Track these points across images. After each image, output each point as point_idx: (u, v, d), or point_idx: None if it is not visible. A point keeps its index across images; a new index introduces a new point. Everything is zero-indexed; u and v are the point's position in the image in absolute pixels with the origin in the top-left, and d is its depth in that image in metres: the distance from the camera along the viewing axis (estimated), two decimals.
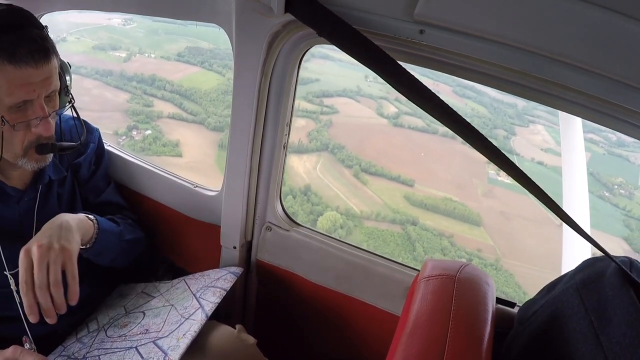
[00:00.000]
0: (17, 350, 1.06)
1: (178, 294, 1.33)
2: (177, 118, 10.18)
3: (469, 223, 9.05)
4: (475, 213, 9.12)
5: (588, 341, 0.81)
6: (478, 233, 8.94)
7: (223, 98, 10.61)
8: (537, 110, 11.10)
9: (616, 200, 8.94)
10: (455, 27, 0.96)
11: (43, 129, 1.14)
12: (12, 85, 1.06)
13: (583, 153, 2.32)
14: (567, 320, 0.88)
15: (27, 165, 1.19)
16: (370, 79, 11.59)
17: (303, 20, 1.08)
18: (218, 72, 11.23)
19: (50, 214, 1.30)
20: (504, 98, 11.19)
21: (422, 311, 0.84)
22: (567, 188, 2.33)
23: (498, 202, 9.52)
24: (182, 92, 10.72)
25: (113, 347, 1.19)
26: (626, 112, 0.91)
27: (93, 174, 1.47)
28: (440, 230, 9.00)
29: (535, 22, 0.87)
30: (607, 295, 0.84)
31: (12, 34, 1.05)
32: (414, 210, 9.25)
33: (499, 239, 8.89)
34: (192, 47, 11.74)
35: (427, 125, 10.62)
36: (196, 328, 1.15)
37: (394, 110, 10.90)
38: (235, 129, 1.36)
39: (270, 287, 1.59)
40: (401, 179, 9.60)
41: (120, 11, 1.52)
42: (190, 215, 1.57)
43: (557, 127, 10.61)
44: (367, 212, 9.11)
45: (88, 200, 1.46)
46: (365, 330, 1.46)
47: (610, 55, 0.83)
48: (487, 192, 9.68)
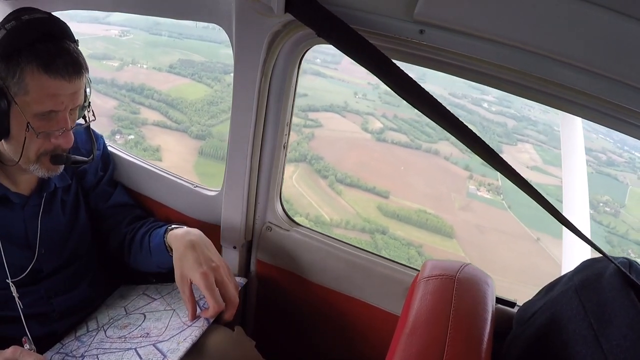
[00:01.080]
0: (17, 351, 1.07)
1: (180, 298, 1.32)
2: (162, 125, 10.41)
3: (442, 235, 9.19)
4: (448, 225, 9.25)
5: (588, 343, 0.81)
6: (450, 244, 9.06)
7: (208, 108, 10.86)
8: (528, 130, 11.27)
9: (600, 217, 9.03)
10: (455, 27, 0.96)
11: (64, 141, 1.16)
12: (42, 94, 1.08)
13: (583, 155, 2.32)
14: (566, 322, 0.87)
15: (38, 172, 1.20)
16: (359, 95, 11.79)
17: (302, 20, 1.08)
18: (207, 84, 11.51)
19: (54, 221, 1.33)
20: (494, 118, 11.37)
21: (422, 311, 0.84)
22: (567, 190, 2.32)
23: (475, 216, 9.65)
24: (169, 101, 10.96)
25: (112, 348, 1.19)
26: (626, 112, 0.91)
27: (100, 180, 1.49)
28: (410, 240, 9.15)
29: (535, 22, 0.87)
30: (606, 296, 0.83)
31: (50, 44, 1.08)
32: (385, 221, 9.40)
33: (471, 251, 9.02)
34: (184, 59, 12.01)
35: (411, 141, 10.82)
36: (197, 333, 1.15)
37: (380, 125, 11.11)
38: (235, 129, 1.36)
39: (270, 287, 1.58)
40: (376, 190, 9.75)
41: (121, 11, 1.51)
42: (190, 215, 1.57)
43: (546, 146, 10.66)
44: (337, 220, 9.24)
45: (98, 206, 1.47)
46: (365, 331, 1.46)
47: (610, 55, 0.83)
48: (464, 206, 9.81)
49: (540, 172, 9.96)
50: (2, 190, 1.23)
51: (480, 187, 9.82)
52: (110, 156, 1.56)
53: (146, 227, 1.41)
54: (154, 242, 1.32)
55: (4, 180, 1.24)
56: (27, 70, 1.06)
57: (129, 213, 1.50)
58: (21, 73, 1.06)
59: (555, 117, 10.86)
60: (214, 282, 1.17)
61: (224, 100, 10.88)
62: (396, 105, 11.26)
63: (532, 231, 8.95)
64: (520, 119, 11.53)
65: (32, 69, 1.06)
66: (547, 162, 10.25)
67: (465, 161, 10.08)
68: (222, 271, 1.20)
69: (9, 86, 1.07)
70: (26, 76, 1.06)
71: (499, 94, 11.02)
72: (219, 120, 10.59)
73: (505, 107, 11.58)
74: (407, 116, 11.06)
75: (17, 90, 1.07)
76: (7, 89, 1.08)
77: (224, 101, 10.86)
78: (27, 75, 1.06)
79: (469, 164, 9.99)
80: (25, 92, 1.07)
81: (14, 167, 1.21)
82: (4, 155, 1.21)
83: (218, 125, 10.45)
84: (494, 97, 11.35)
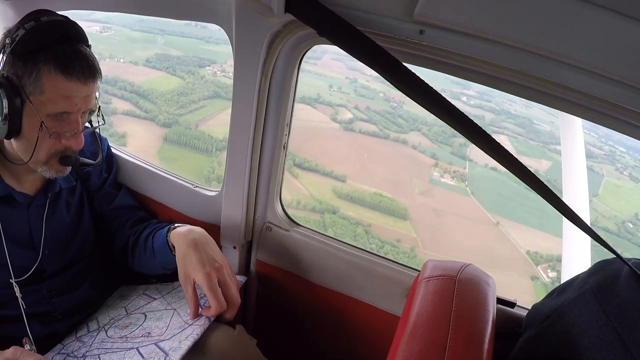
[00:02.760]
0: (17, 351, 1.07)
1: (180, 298, 1.32)
2: (131, 114, 10.58)
3: (395, 216, 9.32)
4: (402, 207, 9.38)
5: (615, 348, 0.80)
6: (402, 225, 9.19)
7: (177, 99, 11.10)
8: (506, 123, 11.42)
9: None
10: (455, 27, 0.95)
11: (74, 143, 1.17)
12: (57, 95, 1.10)
13: (583, 155, 2.32)
14: (587, 327, 0.86)
15: (46, 172, 1.21)
16: (334, 88, 11.93)
17: (303, 20, 1.08)
18: (180, 76, 11.73)
19: (58, 222, 1.33)
20: (471, 111, 11.50)
21: (423, 312, 0.84)
22: (567, 189, 2.32)
23: (434, 200, 9.76)
24: (140, 92, 11.14)
25: (114, 348, 1.19)
26: (626, 112, 0.91)
27: (104, 182, 1.49)
28: (359, 220, 9.29)
29: (535, 22, 0.87)
30: (626, 298, 0.82)
31: (68, 46, 1.10)
32: (338, 202, 9.55)
33: (423, 232, 9.15)
34: (160, 53, 12.21)
35: (380, 131, 10.94)
36: (199, 332, 1.15)
37: (350, 116, 11.26)
38: (235, 129, 1.36)
39: (270, 287, 1.58)
40: (333, 175, 9.90)
41: (121, 11, 1.51)
42: (189, 215, 1.57)
43: (522, 138, 10.75)
44: (288, 200, 9.37)
45: (102, 208, 1.48)
46: (366, 331, 1.46)
47: (610, 56, 0.83)
48: (425, 191, 9.94)
49: None
50: (7, 190, 1.23)
51: (444, 174, 9.94)
52: (113, 158, 1.57)
53: (150, 229, 1.41)
54: (157, 243, 1.33)
55: (9, 179, 1.24)
56: (44, 71, 1.07)
57: (133, 215, 1.50)
58: (38, 73, 1.07)
59: (537, 112, 10.97)
60: (216, 283, 1.17)
61: (194, 91, 11.11)
62: (371, 98, 11.46)
63: (492, 215, 9.05)
64: (499, 112, 11.66)
65: (49, 70, 1.07)
66: (520, 153, 10.34)
67: (433, 150, 10.16)
68: (224, 271, 1.21)
69: (25, 85, 1.09)
70: (43, 76, 1.08)
71: (480, 88, 11.20)
72: (188, 110, 10.80)
73: (485, 102, 11.69)
74: (380, 108, 11.23)
75: (33, 90, 1.09)
76: (23, 88, 1.09)
77: (194, 92, 11.08)
78: (44, 75, 1.08)
79: (436, 152, 10.08)
80: (41, 91, 1.09)
81: (21, 166, 1.22)
82: (11, 155, 1.22)
83: (187, 114, 10.65)
84: (475, 91, 11.44)
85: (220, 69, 11.61)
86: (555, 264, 7.84)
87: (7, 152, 1.22)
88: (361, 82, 11.65)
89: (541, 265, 8.10)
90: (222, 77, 11.41)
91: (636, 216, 8.97)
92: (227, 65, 11.27)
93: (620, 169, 10.05)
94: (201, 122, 10.69)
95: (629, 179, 9.80)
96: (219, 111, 10.88)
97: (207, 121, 10.74)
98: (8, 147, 1.21)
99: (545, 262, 8.07)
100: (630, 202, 9.37)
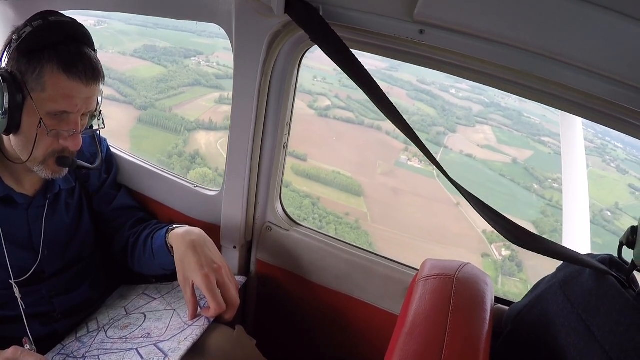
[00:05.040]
0: (17, 351, 1.07)
1: (180, 298, 1.33)
2: (110, 99, 10.82)
3: (349, 193, 9.46)
4: (357, 185, 9.52)
5: (580, 334, 0.83)
6: (355, 201, 9.33)
7: (157, 85, 11.42)
8: (494, 115, 11.51)
9: (543, 192, 9.28)
10: (455, 27, 0.95)
11: (72, 144, 1.17)
12: (58, 94, 1.10)
13: (583, 153, 2.32)
14: (553, 316, 0.90)
15: (42, 173, 1.21)
16: (317, 79, 12.01)
17: (298, 24, 1.09)
18: (164, 66, 11.99)
19: (58, 224, 1.33)
20: (458, 102, 11.62)
21: (421, 311, 0.84)
22: (567, 188, 2.33)
23: (396, 181, 9.87)
24: (123, 79, 11.43)
25: (113, 348, 1.19)
26: (626, 112, 0.91)
27: (104, 183, 1.49)
28: (309, 194, 9.45)
29: (535, 22, 0.87)
30: (589, 287, 0.87)
31: (73, 47, 1.11)
32: (293, 178, 9.66)
33: (375, 208, 9.26)
34: (149, 45, 12.40)
35: (356, 118, 11.06)
36: (198, 332, 1.15)
37: (328, 104, 11.39)
38: (235, 129, 1.36)
39: (270, 287, 1.58)
40: (295, 154, 10.00)
41: (121, 11, 1.51)
42: (189, 215, 1.57)
43: (507, 129, 10.90)
44: None
45: (102, 209, 1.48)
46: (366, 330, 1.46)
47: (610, 55, 0.83)
48: (388, 172, 10.03)
49: (492, 150, 10.23)
50: (6, 191, 1.23)
51: (412, 158, 9.98)
52: (113, 158, 1.56)
53: (149, 230, 1.41)
54: (156, 244, 1.33)
55: (8, 180, 1.24)
56: (47, 68, 1.09)
57: (132, 216, 1.50)
58: (41, 70, 1.09)
59: (530, 106, 11.05)
60: (215, 284, 1.17)
61: (174, 79, 11.35)
62: (354, 88, 11.48)
63: (454, 197, 9.07)
64: (488, 104, 11.73)
65: (52, 68, 1.09)
66: (501, 142, 10.43)
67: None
68: (223, 272, 1.21)
69: (27, 81, 1.10)
70: (45, 73, 1.09)
71: (472, 82, 11.29)
72: (166, 95, 11.04)
73: (477, 95, 11.75)
74: (362, 97, 11.31)
75: (35, 86, 1.10)
76: (25, 84, 1.10)
77: (174, 80, 11.32)
78: (47, 72, 1.09)
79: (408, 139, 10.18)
80: (43, 89, 1.10)
81: (20, 165, 1.22)
82: (10, 153, 1.22)
83: (164, 99, 10.87)
84: (467, 85, 11.52)
85: (205, 59, 11.77)
86: (511, 244, 7.90)
87: (7, 150, 1.23)
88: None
89: (496, 244, 8.18)
90: (206, 67, 11.59)
91: (616, 205, 9.01)
92: (213, 56, 11.48)
93: (607, 160, 10.06)
94: (178, 106, 10.91)
95: (616, 170, 9.83)
96: (197, 97, 11.10)
97: (184, 105, 10.93)
98: (7, 146, 1.22)
99: (500, 241, 8.13)
100: (613, 192, 9.41)
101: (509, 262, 7.89)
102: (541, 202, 9.08)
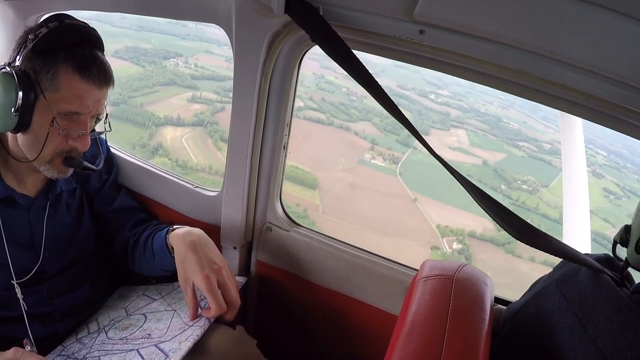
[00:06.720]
0: (18, 352, 1.07)
1: (180, 298, 1.33)
2: None
3: (304, 186, 9.56)
4: (313, 178, 9.63)
5: (575, 331, 0.84)
6: (309, 194, 9.43)
7: (132, 83, 11.56)
8: (471, 120, 11.58)
9: (511, 192, 9.41)
10: (455, 27, 0.96)
11: (81, 144, 1.19)
12: (72, 94, 1.13)
13: (583, 153, 2.32)
14: (549, 314, 0.91)
15: (48, 172, 1.22)
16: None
17: (299, 24, 1.10)
18: (142, 66, 12.14)
19: (59, 224, 1.33)
20: (437, 107, 11.72)
21: (420, 311, 0.84)
22: (567, 187, 2.33)
23: (355, 177, 9.97)
24: None
25: (114, 349, 1.19)
26: (626, 113, 0.91)
27: (104, 184, 1.49)
28: None
29: (535, 22, 0.87)
30: (585, 286, 0.88)
31: (87, 50, 1.15)
32: None
33: (328, 200, 9.38)
34: (130, 46, 12.52)
35: (326, 118, 11.15)
36: (199, 333, 1.15)
37: (300, 105, 11.50)
38: (235, 129, 1.36)
39: (270, 287, 1.58)
40: None
41: (121, 11, 1.51)
42: (189, 216, 1.57)
43: (482, 132, 11.06)
44: (202, 165, 9.83)
45: (102, 210, 1.48)
46: (366, 331, 1.46)
47: (610, 56, 0.83)
48: (349, 169, 10.10)
49: (463, 152, 10.34)
50: (7, 191, 1.23)
51: (376, 157, 10.04)
52: (113, 158, 1.57)
53: (149, 231, 1.41)
54: (156, 245, 1.33)
55: (10, 180, 1.25)
56: (62, 69, 1.11)
57: (133, 216, 1.50)
58: (56, 70, 1.11)
59: (510, 112, 11.15)
60: (216, 285, 1.18)
61: (150, 78, 11.54)
62: (330, 91, 11.71)
63: (413, 193, 9.21)
64: (467, 110, 11.79)
65: (67, 69, 1.11)
66: (474, 145, 10.49)
67: (377, 137, 10.29)
68: (223, 273, 1.21)
69: (41, 80, 1.11)
70: (60, 74, 1.11)
71: (455, 89, 11.41)
72: (141, 93, 11.17)
73: (457, 101, 11.82)
74: (337, 100, 11.47)
75: (48, 86, 1.12)
76: (38, 83, 1.11)
77: (150, 79, 11.51)
78: (62, 73, 1.11)
79: (380, 140, 10.22)
80: (57, 89, 1.12)
81: (23, 165, 1.22)
82: (15, 152, 1.22)
83: (138, 97, 10.99)
84: (448, 91, 11.58)
85: (184, 61, 11.97)
86: (465, 238, 8.11)
87: (11, 149, 1.23)
88: (328, 78, 11.85)
89: (448, 237, 8.27)
90: (184, 68, 11.77)
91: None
92: (193, 58, 11.63)
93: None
94: (150, 103, 11.02)
95: (592, 174, 9.89)
96: (170, 96, 11.23)
97: (156, 103, 11.04)
98: (12, 144, 1.22)
99: (453, 235, 8.28)
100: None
101: (458, 254, 7.98)
102: (506, 201, 9.12)
